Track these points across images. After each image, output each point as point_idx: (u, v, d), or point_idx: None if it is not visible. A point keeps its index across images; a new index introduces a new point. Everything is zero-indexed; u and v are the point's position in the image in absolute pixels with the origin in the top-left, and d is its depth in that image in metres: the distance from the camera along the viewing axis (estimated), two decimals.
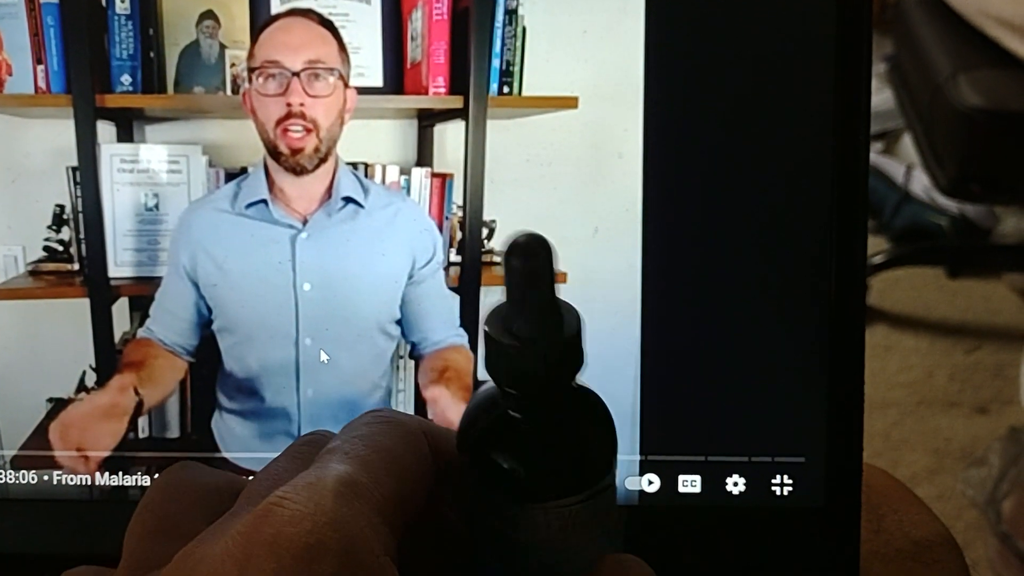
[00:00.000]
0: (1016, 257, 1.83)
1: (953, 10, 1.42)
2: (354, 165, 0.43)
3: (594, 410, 0.32)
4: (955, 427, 1.47)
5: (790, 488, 0.42)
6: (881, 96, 1.91)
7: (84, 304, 0.44)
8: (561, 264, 0.43)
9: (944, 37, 1.42)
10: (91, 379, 0.44)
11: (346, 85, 0.43)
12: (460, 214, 0.43)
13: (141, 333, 0.44)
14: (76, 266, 0.44)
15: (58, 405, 0.44)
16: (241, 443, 0.43)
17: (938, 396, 1.53)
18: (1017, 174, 1.44)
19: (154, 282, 0.43)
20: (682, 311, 0.43)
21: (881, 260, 1.72)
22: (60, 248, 0.44)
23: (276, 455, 0.30)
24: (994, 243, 1.86)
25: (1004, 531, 1.19)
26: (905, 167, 1.90)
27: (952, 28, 1.43)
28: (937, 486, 1.37)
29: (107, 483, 0.43)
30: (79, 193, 0.43)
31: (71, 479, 0.43)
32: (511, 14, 0.42)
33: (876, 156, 2.00)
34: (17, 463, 0.43)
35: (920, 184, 1.85)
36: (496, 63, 0.42)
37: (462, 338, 0.44)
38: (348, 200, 0.43)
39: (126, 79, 0.43)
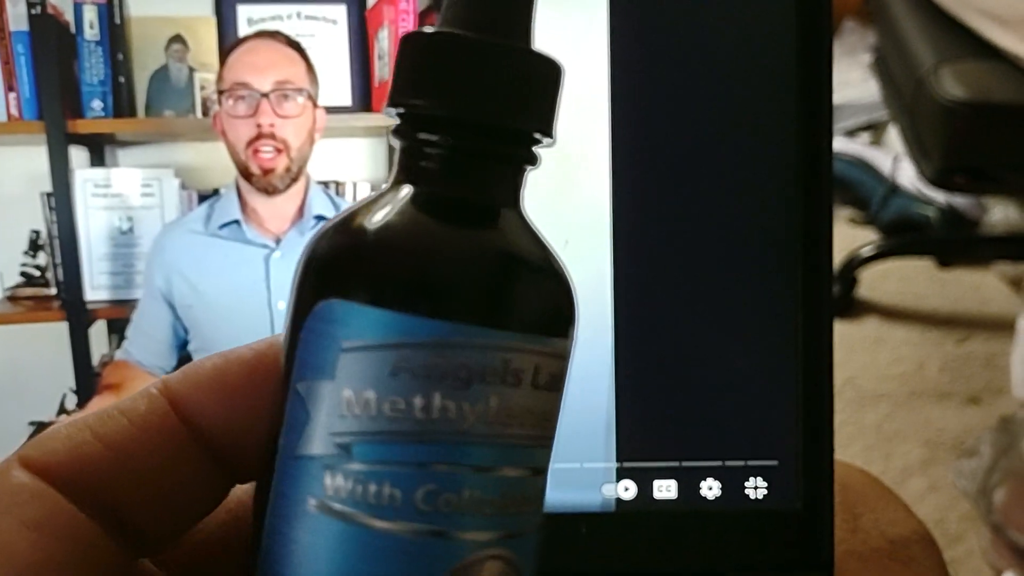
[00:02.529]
0: (1005, 247, 1.83)
1: (934, 2, 1.43)
2: (325, 184, 0.44)
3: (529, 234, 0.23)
4: (947, 418, 1.47)
5: (764, 491, 0.43)
6: (867, 87, 1.92)
7: (62, 328, 0.44)
8: None
9: (926, 29, 1.43)
10: (71, 402, 0.44)
11: (315, 105, 0.43)
12: None
13: (119, 355, 0.44)
14: (53, 290, 0.44)
15: (40, 428, 0.44)
16: None
17: (930, 387, 1.54)
18: (1001, 165, 1.44)
19: (130, 304, 0.44)
20: (653, 319, 0.43)
21: (870, 252, 1.72)
22: (37, 273, 0.44)
23: None
24: (983, 233, 1.87)
25: (996, 521, 1.19)
26: (892, 159, 1.91)
27: (934, 20, 1.43)
28: (930, 477, 1.37)
29: None
30: (54, 218, 0.44)
31: None
32: None
33: (863, 148, 2.00)
34: None
35: (907, 176, 1.85)
36: None
37: None
38: (320, 218, 0.44)
39: (97, 104, 0.44)
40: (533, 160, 0.23)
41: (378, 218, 0.21)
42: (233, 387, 0.22)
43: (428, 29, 0.22)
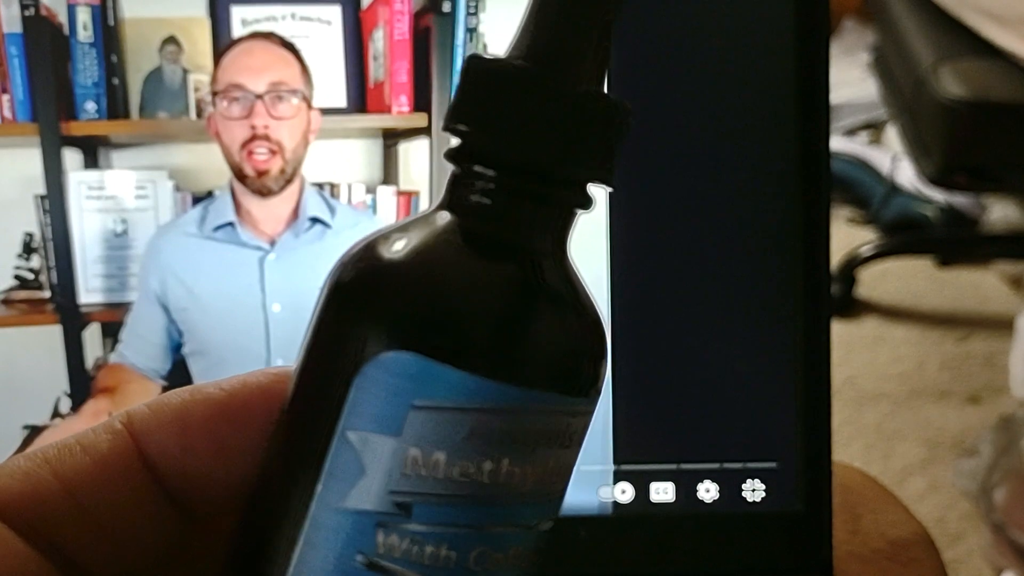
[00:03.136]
0: (1005, 246, 1.83)
1: (933, 0, 1.43)
2: (320, 185, 0.44)
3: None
4: (947, 417, 1.47)
5: (763, 494, 0.43)
6: (866, 86, 1.91)
7: (56, 331, 0.44)
8: None
9: (925, 28, 1.43)
10: (65, 405, 0.44)
11: (309, 106, 0.43)
12: None
13: (113, 358, 0.44)
14: (47, 293, 0.44)
15: (33, 432, 0.44)
16: None
17: (930, 386, 1.54)
18: (1001, 163, 1.44)
19: (125, 307, 0.44)
20: (650, 321, 0.43)
21: (870, 251, 1.72)
22: (31, 276, 0.44)
23: None
24: (982, 232, 1.87)
25: (997, 520, 1.19)
26: (891, 158, 1.91)
27: (933, 18, 1.43)
28: (930, 477, 1.37)
29: None
30: (48, 221, 0.44)
31: None
32: (471, 32, 0.42)
33: (862, 147, 2.00)
34: None
35: (906, 175, 1.85)
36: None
37: None
38: (315, 220, 0.43)
39: (91, 106, 0.43)
40: (587, 206, 0.22)
41: (442, 260, 0.20)
42: (197, 428, 0.21)
43: (500, 56, 0.22)
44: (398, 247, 0.20)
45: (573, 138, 0.21)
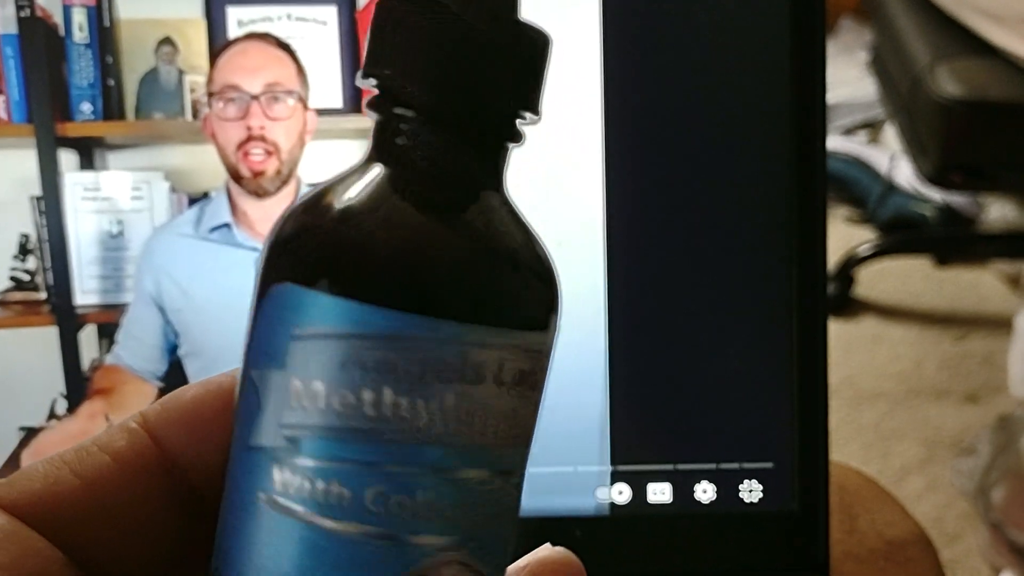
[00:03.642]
0: (1003, 245, 1.83)
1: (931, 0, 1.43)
2: (316, 186, 0.44)
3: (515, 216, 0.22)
4: (945, 416, 1.47)
5: (760, 494, 0.43)
6: (864, 86, 1.91)
7: (52, 332, 0.44)
8: None
9: (922, 27, 1.43)
10: (61, 407, 0.44)
11: (305, 107, 0.43)
12: None
13: (109, 360, 0.44)
14: (43, 295, 0.44)
15: (30, 434, 0.44)
16: None
17: (928, 386, 1.54)
18: (998, 162, 1.44)
19: (121, 309, 0.44)
20: (647, 322, 0.43)
21: (867, 251, 1.72)
22: (27, 277, 0.44)
23: None
24: (980, 231, 1.87)
25: (995, 520, 1.19)
26: (888, 157, 1.91)
27: (930, 18, 1.43)
28: (928, 476, 1.37)
29: None
30: (44, 222, 0.44)
31: None
32: None
33: (860, 147, 2.00)
34: None
35: (904, 174, 1.85)
36: None
37: None
38: None
39: (86, 107, 0.43)
40: (517, 138, 0.22)
41: (339, 199, 0.20)
42: (210, 418, 0.22)
43: None
44: (305, 196, 0.21)
45: (490, 69, 0.21)
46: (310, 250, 0.19)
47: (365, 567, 0.19)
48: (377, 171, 0.20)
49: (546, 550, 0.23)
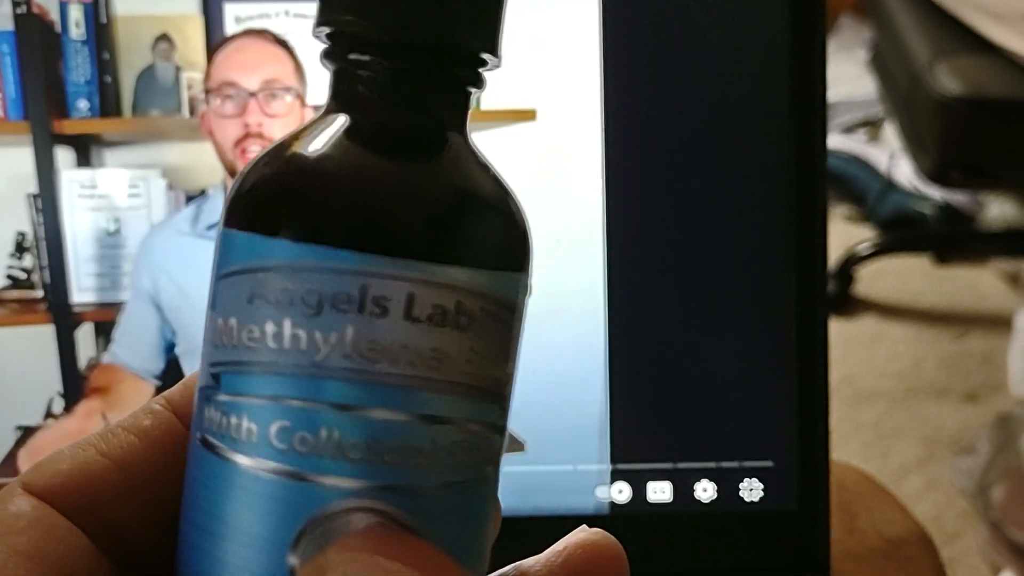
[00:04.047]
0: (1002, 243, 1.83)
1: None
2: None
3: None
4: (945, 415, 1.47)
5: (760, 493, 0.42)
6: (864, 83, 1.91)
7: (49, 331, 0.44)
8: None
9: (922, 24, 1.42)
10: (58, 406, 0.44)
11: (303, 104, 0.43)
12: None
13: (106, 358, 0.44)
14: (40, 293, 0.44)
15: (27, 433, 0.44)
16: None
17: (927, 384, 1.53)
18: (998, 160, 1.44)
19: (118, 307, 0.43)
20: (647, 320, 0.43)
21: (867, 249, 1.72)
22: (23, 275, 0.44)
23: None
24: (980, 229, 1.87)
25: (995, 518, 1.19)
26: (888, 155, 1.91)
27: (930, 15, 1.43)
28: (928, 475, 1.37)
29: None
30: (40, 220, 0.43)
31: None
32: None
33: (859, 145, 2.00)
34: None
35: (903, 172, 1.85)
36: None
37: None
38: None
39: (83, 104, 0.43)
40: (477, 83, 0.21)
41: (276, 145, 0.20)
42: None
43: None
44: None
45: (449, 6, 0.20)
46: (232, 194, 0.20)
47: (275, 506, 0.19)
48: (331, 120, 0.21)
49: (584, 532, 0.22)
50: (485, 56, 0.22)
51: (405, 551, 0.18)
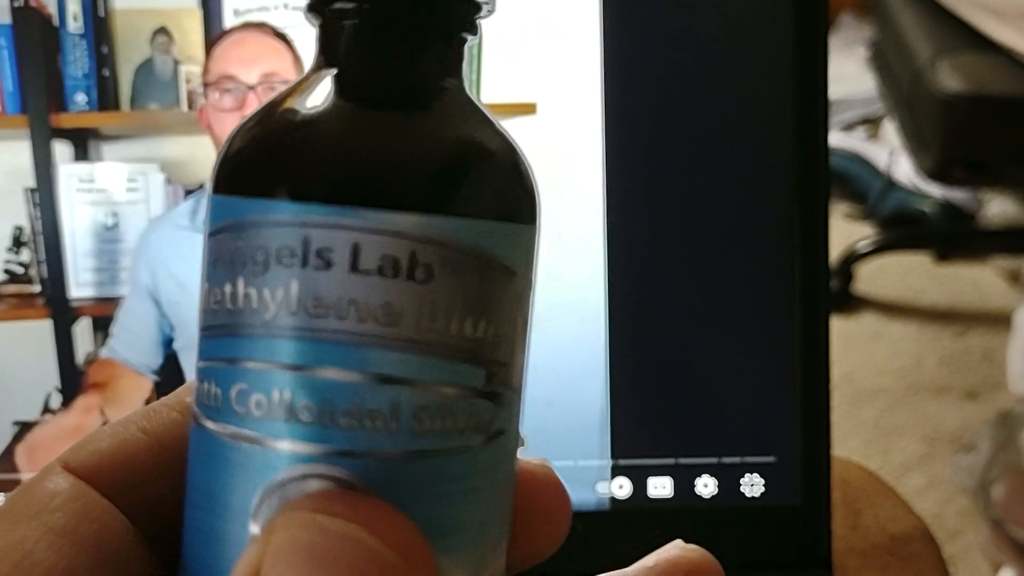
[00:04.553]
0: (1003, 240, 1.83)
1: None
2: None
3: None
4: (945, 413, 1.47)
5: (761, 488, 0.42)
6: (864, 81, 1.91)
7: (47, 326, 0.43)
8: None
9: (923, 22, 1.42)
10: (56, 401, 0.43)
11: None
12: None
13: (104, 353, 0.43)
14: (37, 288, 0.43)
15: (24, 428, 0.44)
16: None
17: (928, 382, 1.53)
18: (999, 158, 1.44)
19: (116, 301, 0.43)
20: (648, 314, 0.43)
21: (868, 247, 1.72)
22: (21, 270, 0.43)
23: None
24: (980, 227, 1.87)
25: (995, 516, 1.19)
26: (888, 153, 1.90)
27: (931, 13, 1.43)
28: (929, 473, 1.37)
29: None
30: (38, 214, 0.43)
31: None
32: None
33: (860, 143, 2.00)
34: None
35: (904, 170, 1.85)
36: None
37: None
38: None
39: (81, 98, 0.43)
40: (440, 18, 0.20)
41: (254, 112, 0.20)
42: None
43: None
44: None
45: None
46: (219, 161, 0.20)
47: (239, 472, 0.18)
48: (299, 77, 0.20)
49: (677, 548, 0.21)
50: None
51: (350, 509, 0.17)
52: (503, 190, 0.19)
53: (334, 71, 0.20)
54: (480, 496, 0.19)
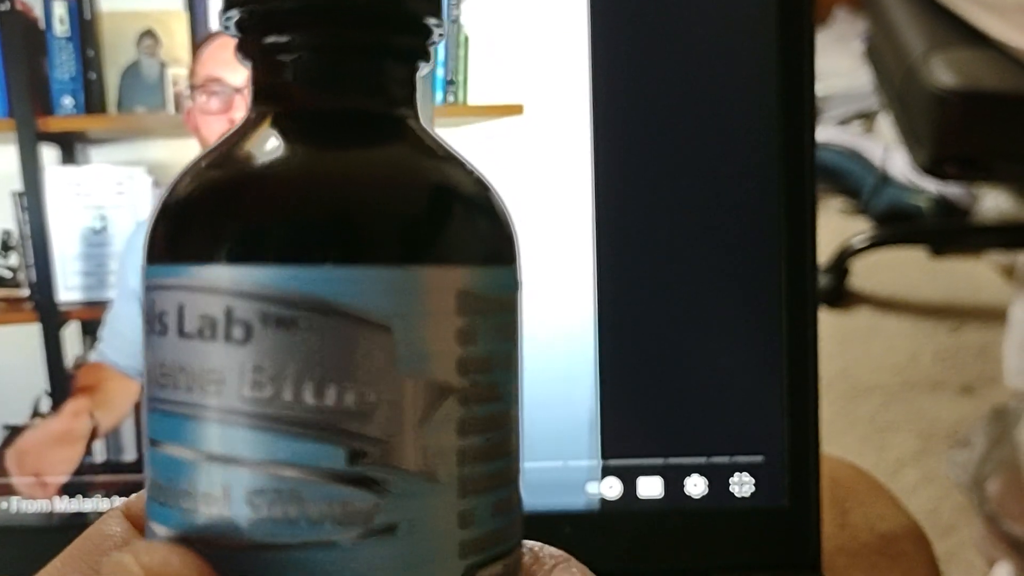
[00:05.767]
0: (997, 235, 1.83)
1: None
2: None
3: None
4: (940, 408, 1.47)
5: (751, 488, 0.42)
6: (858, 76, 1.91)
7: (35, 330, 0.43)
8: None
9: (917, 16, 1.42)
10: (45, 405, 0.43)
11: None
12: None
13: (93, 357, 0.43)
14: (25, 292, 0.43)
15: (13, 432, 0.44)
16: None
17: (923, 378, 1.53)
18: (993, 153, 1.44)
19: (104, 305, 0.43)
20: (636, 315, 0.43)
21: (862, 242, 1.72)
22: (9, 274, 0.43)
23: None
24: (974, 222, 1.87)
25: (990, 512, 1.19)
26: (882, 148, 1.90)
27: (925, 7, 1.42)
28: (923, 468, 1.37)
29: (66, 508, 0.43)
30: (25, 218, 0.43)
31: (29, 505, 0.43)
32: (453, 23, 0.42)
33: (854, 138, 2.00)
34: None
35: (898, 165, 1.85)
36: (440, 73, 0.42)
37: None
38: None
39: (67, 101, 0.43)
40: (424, 55, 0.19)
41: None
42: None
43: None
44: None
45: None
46: None
47: None
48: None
49: None
50: (428, 21, 0.19)
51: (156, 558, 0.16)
52: (343, 226, 0.16)
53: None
54: None
